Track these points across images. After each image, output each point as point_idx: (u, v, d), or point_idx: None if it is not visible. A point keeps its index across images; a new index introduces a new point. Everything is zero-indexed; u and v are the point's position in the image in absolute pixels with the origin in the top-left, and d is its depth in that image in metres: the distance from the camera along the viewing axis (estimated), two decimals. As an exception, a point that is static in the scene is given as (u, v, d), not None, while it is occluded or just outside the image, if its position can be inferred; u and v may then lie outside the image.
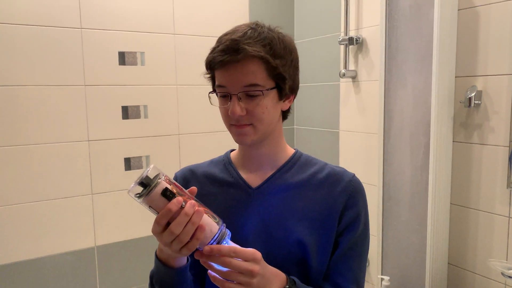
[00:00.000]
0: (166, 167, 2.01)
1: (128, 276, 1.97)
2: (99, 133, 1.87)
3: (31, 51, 1.70)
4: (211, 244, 0.70)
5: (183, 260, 0.80)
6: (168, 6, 1.99)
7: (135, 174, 1.96)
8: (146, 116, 1.98)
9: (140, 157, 1.98)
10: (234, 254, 0.70)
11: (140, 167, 1.98)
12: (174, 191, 0.68)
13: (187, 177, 0.96)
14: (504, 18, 1.41)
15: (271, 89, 0.81)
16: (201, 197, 0.91)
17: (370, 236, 0.93)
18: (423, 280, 1.60)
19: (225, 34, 0.81)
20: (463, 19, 1.53)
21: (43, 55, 1.73)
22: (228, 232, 0.74)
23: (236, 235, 0.84)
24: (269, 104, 0.81)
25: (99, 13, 1.83)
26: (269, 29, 0.82)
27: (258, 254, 0.72)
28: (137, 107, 1.96)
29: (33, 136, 1.73)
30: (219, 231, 0.71)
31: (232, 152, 0.97)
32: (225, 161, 0.95)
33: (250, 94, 0.79)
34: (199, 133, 2.12)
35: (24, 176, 1.72)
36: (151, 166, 0.70)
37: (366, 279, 2.03)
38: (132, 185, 0.68)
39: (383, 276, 1.74)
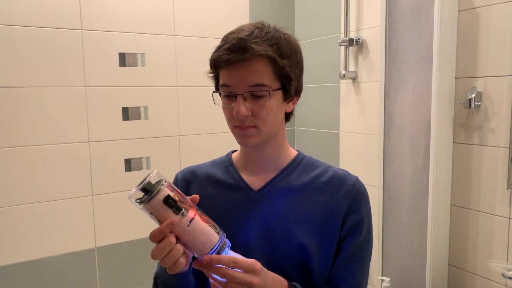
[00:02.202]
0: (167, 168, 2.02)
1: (128, 277, 1.97)
2: (100, 134, 1.87)
3: (32, 52, 1.70)
4: (211, 254, 0.69)
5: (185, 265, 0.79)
6: (168, 7, 2.00)
7: (136, 175, 1.96)
8: (146, 117, 1.98)
9: (141, 158, 1.98)
10: (234, 265, 0.68)
11: (140, 168, 1.98)
12: (176, 198, 0.67)
13: (188, 178, 0.94)
14: (504, 19, 1.41)
15: (277, 89, 0.79)
16: (202, 199, 0.89)
17: None
18: (423, 281, 1.60)
19: (231, 33, 0.79)
20: (463, 20, 1.53)
21: (44, 56, 1.73)
22: (228, 242, 0.72)
23: (237, 238, 0.83)
24: (274, 105, 0.80)
25: (100, 14, 1.83)
26: (275, 29, 0.81)
27: (257, 265, 0.71)
28: (138, 108, 1.96)
29: (33, 137, 1.73)
30: (219, 241, 0.70)
31: (233, 153, 0.96)
32: (226, 163, 0.93)
33: (256, 94, 0.77)
34: (200, 134, 2.12)
35: (24, 177, 1.72)
36: (154, 171, 0.68)
37: (366, 280, 2.02)
38: (134, 191, 0.67)
39: (383, 277, 1.73)
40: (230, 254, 0.72)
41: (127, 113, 1.93)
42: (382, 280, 1.73)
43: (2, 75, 1.66)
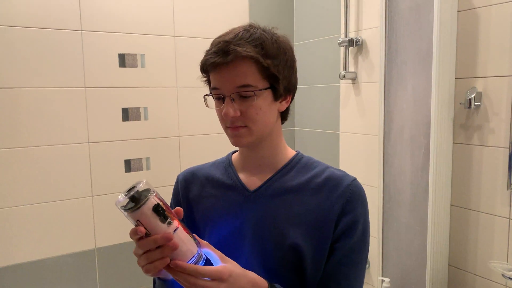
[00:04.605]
0: (166, 169, 2.02)
1: (128, 278, 1.97)
2: (99, 135, 1.87)
3: (32, 53, 1.71)
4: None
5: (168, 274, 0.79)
6: (168, 8, 2.00)
7: (136, 176, 1.96)
8: (146, 118, 1.98)
9: (141, 159, 1.98)
10: (196, 274, 0.69)
11: (140, 169, 1.98)
12: (164, 208, 0.69)
13: (188, 180, 0.96)
14: (504, 20, 1.41)
15: (265, 89, 0.80)
16: (201, 199, 0.91)
17: (371, 237, 0.91)
18: (423, 282, 1.60)
19: (219, 37, 0.81)
20: (463, 21, 1.53)
21: (44, 57, 1.73)
22: (203, 256, 0.74)
23: (232, 238, 0.84)
24: (263, 104, 0.81)
25: (100, 15, 1.83)
26: (263, 30, 0.82)
27: (224, 272, 0.70)
28: (137, 109, 1.96)
29: (33, 138, 1.73)
30: (197, 252, 0.72)
31: (234, 154, 0.97)
32: (225, 163, 0.95)
33: (242, 95, 0.79)
34: (200, 135, 2.12)
35: (24, 178, 1.72)
36: (144, 181, 0.69)
37: (366, 280, 2.02)
38: (121, 197, 0.68)
39: (383, 278, 1.73)
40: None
41: (127, 114, 1.93)
42: (382, 281, 1.73)
43: (2, 76, 1.66)
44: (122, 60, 1.90)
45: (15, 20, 1.66)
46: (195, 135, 2.11)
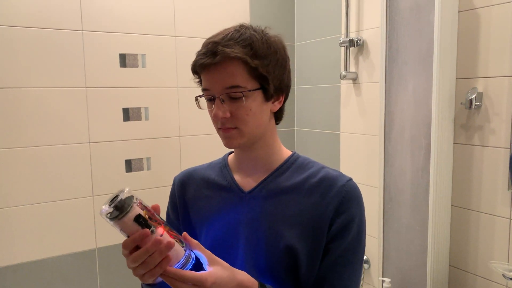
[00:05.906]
0: (167, 169, 2.02)
1: (128, 278, 1.97)
2: (100, 135, 1.87)
3: (33, 53, 1.71)
4: (176, 267, 0.72)
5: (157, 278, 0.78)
6: (169, 8, 2.00)
7: (136, 176, 1.96)
8: (147, 118, 1.98)
9: (141, 159, 1.98)
10: (178, 278, 0.69)
11: (141, 169, 1.98)
12: (146, 216, 0.69)
13: (184, 181, 0.97)
14: (504, 20, 1.41)
15: (254, 90, 0.79)
16: (196, 200, 0.92)
17: (371, 237, 0.91)
18: (424, 282, 1.60)
19: (209, 38, 0.82)
20: (463, 21, 1.53)
21: (45, 57, 1.73)
22: (192, 255, 0.74)
23: (227, 239, 0.84)
24: (253, 105, 0.80)
25: (100, 15, 1.83)
26: (254, 30, 0.81)
27: (207, 280, 0.70)
28: (138, 109, 1.96)
29: (34, 138, 1.73)
30: (184, 256, 0.72)
31: (230, 155, 0.97)
32: (221, 164, 0.95)
33: (232, 96, 0.79)
34: (200, 135, 2.12)
35: (25, 178, 1.72)
36: (126, 189, 0.69)
37: (367, 281, 2.02)
38: (104, 207, 0.69)
39: (384, 278, 1.73)
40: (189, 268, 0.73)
41: (127, 114, 1.93)
42: (383, 281, 1.73)
43: (3, 76, 1.66)
44: (123, 60, 1.90)
45: (15, 20, 1.67)
46: (196, 135, 2.11)
